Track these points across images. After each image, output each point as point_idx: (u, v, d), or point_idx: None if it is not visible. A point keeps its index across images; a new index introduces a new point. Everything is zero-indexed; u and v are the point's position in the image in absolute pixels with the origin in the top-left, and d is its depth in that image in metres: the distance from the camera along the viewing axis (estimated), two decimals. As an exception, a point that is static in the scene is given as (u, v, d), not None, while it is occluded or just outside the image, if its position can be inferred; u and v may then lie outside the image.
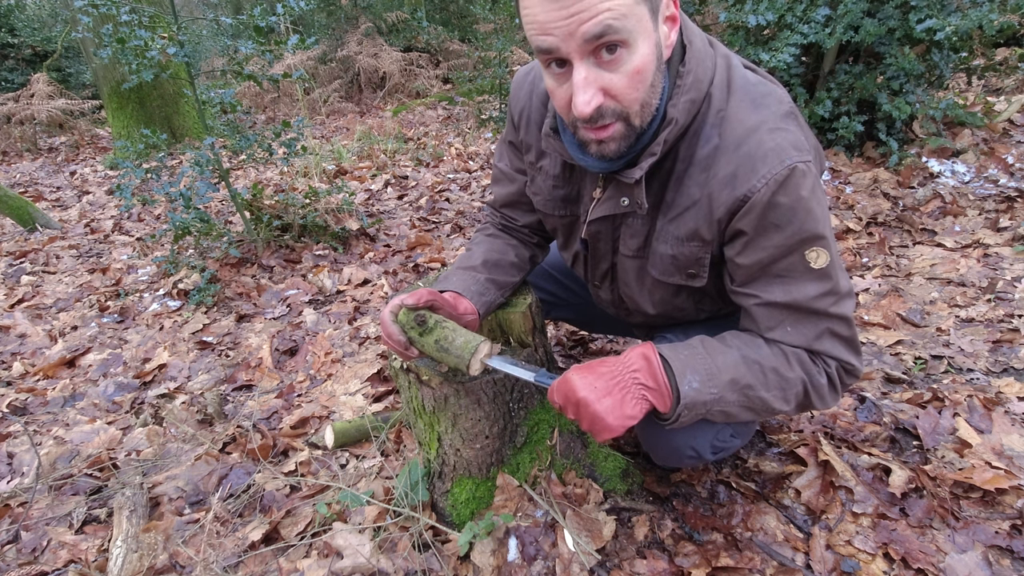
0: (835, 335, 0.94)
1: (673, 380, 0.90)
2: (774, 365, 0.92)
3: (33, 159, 6.45)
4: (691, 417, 0.91)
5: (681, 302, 1.12)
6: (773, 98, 0.91)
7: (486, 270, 1.21)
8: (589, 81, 0.78)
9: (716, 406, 0.91)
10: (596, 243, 1.12)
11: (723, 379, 0.91)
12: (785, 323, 0.93)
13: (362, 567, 1.25)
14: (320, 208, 3.26)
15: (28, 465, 1.75)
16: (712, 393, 0.90)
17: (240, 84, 7.64)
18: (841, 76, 2.95)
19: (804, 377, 0.93)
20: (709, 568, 1.19)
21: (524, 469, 1.30)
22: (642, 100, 0.83)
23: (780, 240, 0.88)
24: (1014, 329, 1.80)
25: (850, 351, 0.96)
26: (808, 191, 0.86)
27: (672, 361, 0.91)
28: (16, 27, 8.59)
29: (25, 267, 3.30)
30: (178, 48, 2.54)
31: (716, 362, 0.92)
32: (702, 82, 0.89)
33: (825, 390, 0.95)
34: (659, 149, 0.89)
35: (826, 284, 0.90)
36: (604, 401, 0.89)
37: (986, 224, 2.45)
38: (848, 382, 0.99)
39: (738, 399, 0.92)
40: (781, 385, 0.93)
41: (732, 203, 0.89)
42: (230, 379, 2.15)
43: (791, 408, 0.96)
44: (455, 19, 9.12)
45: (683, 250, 0.99)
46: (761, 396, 0.92)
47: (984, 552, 1.16)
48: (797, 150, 0.86)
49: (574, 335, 2.12)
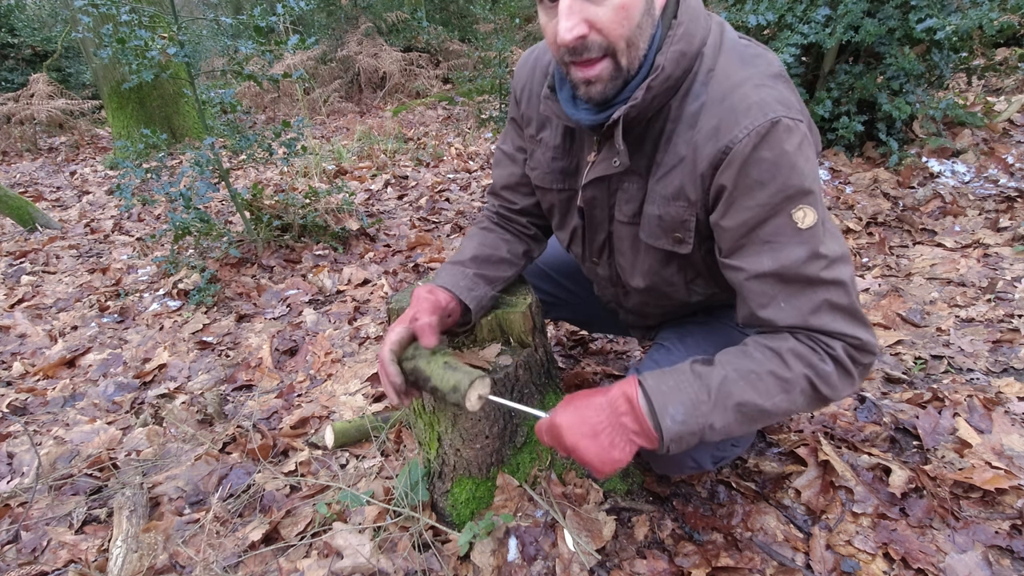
0: (833, 306, 0.88)
1: (654, 418, 0.87)
2: (770, 369, 0.88)
3: (33, 159, 6.45)
4: (683, 447, 0.88)
5: (670, 275, 1.11)
6: (763, 59, 0.92)
7: (475, 265, 1.21)
8: (574, 10, 0.81)
9: (709, 433, 0.88)
10: (592, 211, 1.12)
11: (710, 405, 0.87)
12: (778, 298, 0.89)
13: (362, 567, 1.25)
14: (320, 208, 3.26)
15: (28, 465, 1.75)
16: (700, 422, 0.86)
17: (240, 84, 7.65)
18: (841, 76, 2.95)
19: (806, 372, 0.88)
20: (709, 568, 1.19)
21: (524, 469, 1.30)
22: (628, 37, 0.84)
23: (764, 198, 0.85)
24: (1014, 329, 1.80)
25: (853, 322, 0.89)
26: (793, 146, 0.84)
27: (654, 395, 0.88)
28: (16, 27, 8.60)
29: (25, 267, 3.30)
30: (178, 48, 2.54)
31: (705, 384, 0.88)
32: (693, 36, 0.89)
33: (834, 378, 0.88)
34: (640, 94, 0.89)
35: (814, 245, 0.86)
36: (592, 448, 0.88)
37: (986, 224, 2.45)
38: (863, 360, 0.90)
39: (734, 418, 0.88)
40: (782, 388, 0.88)
41: (714, 156, 0.89)
42: (230, 379, 2.15)
43: (802, 406, 0.91)
44: (455, 19, 9.13)
45: (669, 210, 0.99)
46: (761, 407, 0.88)
47: (984, 552, 1.16)
48: (783, 105, 0.85)
49: (574, 335, 2.12)
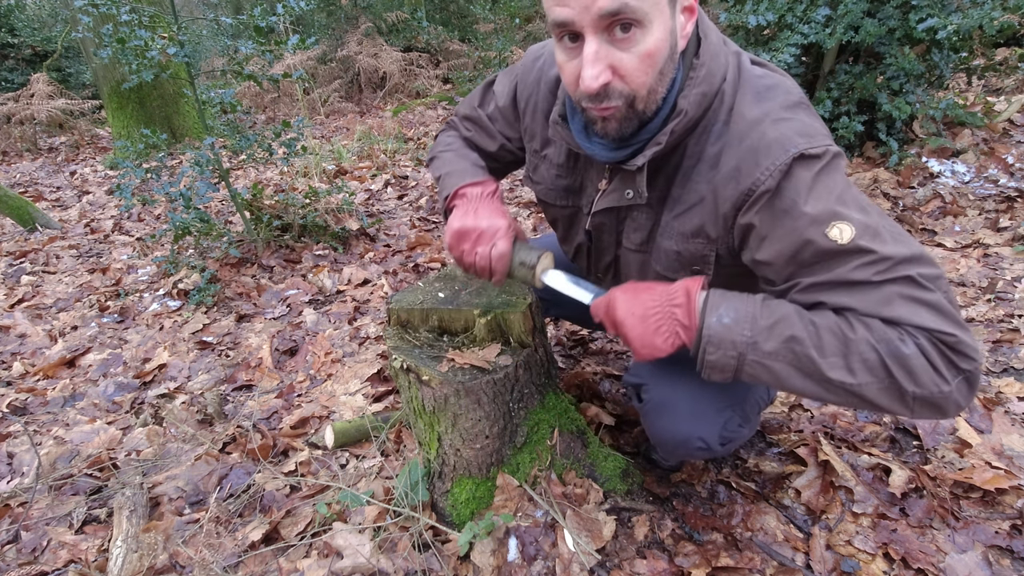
0: (909, 299, 0.76)
1: (703, 314, 0.85)
2: (831, 324, 0.79)
3: (33, 159, 6.45)
4: (721, 361, 0.82)
5: None
6: (779, 89, 0.90)
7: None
8: (600, 56, 0.79)
9: (751, 354, 0.81)
10: (600, 235, 1.12)
11: (763, 323, 0.81)
12: (844, 298, 0.80)
13: (362, 567, 1.25)
14: (320, 208, 3.26)
15: (28, 465, 1.75)
16: (745, 335, 0.81)
17: (240, 84, 7.64)
18: (841, 76, 2.95)
19: (873, 342, 0.75)
20: (709, 568, 1.19)
21: (524, 469, 1.30)
22: (649, 85, 0.83)
23: (792, 225, 0.82)
24: (1014, 329, 1.80)
25: (941, 318, 0.75)
26: (814, 173, 0.81)
27: (712, 296, 0.86)
28: (16, 27, 8.59)
29: (25, 267, 3.30)
30: (178, 48, 2.54)
31: (767, 308, 0.83)
32: (715, 76, 0.88)
33: (915, 364, 0.74)
34: (664, 139, 0.88)
35: (865, 256, 0.78)
36: (637, 328, 0.90)
37: (986, 224, 2.45)
38: (960, 363, 0.75)
39: (782, 350, 0.79)
40: (840, 349, 0.77)
41: (737, 198, 0.88)
42: (230, 379, 2.15)
43: (866, 387, 0.77)
44: (455, 19, 9.12)
45: (688, 247, 0.99)
46: (811, 356, 0.78)
47: (984, 552, 1.16)
48: (803, 136, 0.84)
49: (574, 335, 2.12)
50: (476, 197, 1.12)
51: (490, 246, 1.05)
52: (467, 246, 1.07)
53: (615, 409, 1.67)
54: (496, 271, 1.06)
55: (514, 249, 1.07)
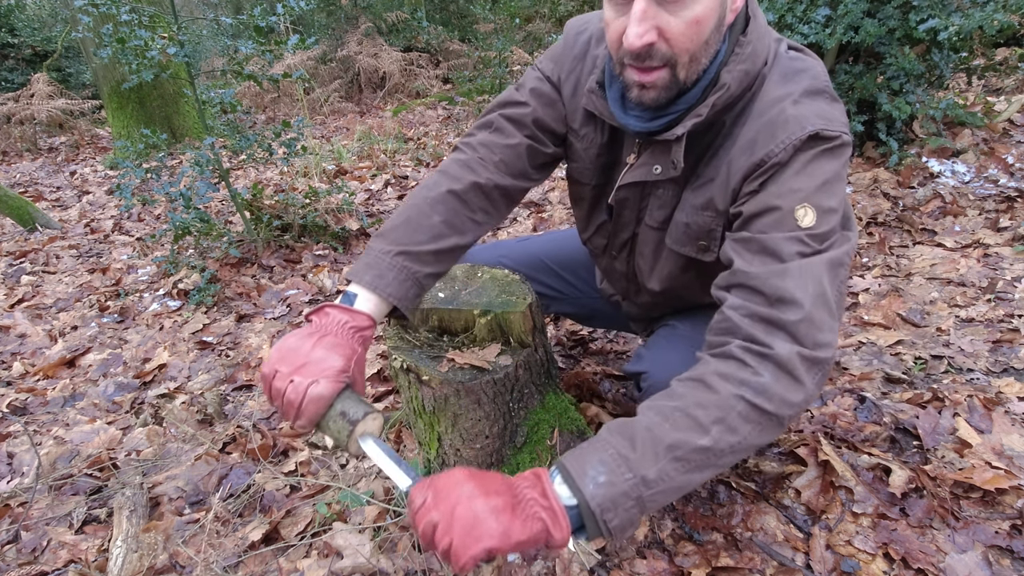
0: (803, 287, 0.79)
1: (573, 484, 0.74)
2: (696, 399, 0.78)
3: (33, 159, 6.45)
4: (622, 520, 0.74)
5: (688, 280, 1.11)
6: (807, 74, 0.91)
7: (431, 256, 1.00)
8: (648, 15, 0.78)
9: (645, 491, 0.73)
10: (621, 211, 1.11)
11: (637, 456, 0.74)
12: (751, 258, 0.84)
13: (362, 567, 1.25)
14: (320, 208, 3.26)
15: (28, 465, 1.75)
16: (628, 478, 0.73)
17: (240, 84, 7.64)
18: (841, 76, 2.95)
19: (736, 391, 0.77)
20: (709, 568, 1.19)
21: (524, 469, 1.30)
22: (692, 52, 0.82)
23: (777, 190, 0.85)
24: (1014, 329, 1.80)
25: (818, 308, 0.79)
26: (818, 151, 0.84)
27: (566, 461, 0.77)
28: (16, 27, 8.59)
29: (25, 267, 3.30)
30: (178, 48, 2.54)
31: (627, 436, 0.77)
32: (759, 56, 0.89)
33: (772, 389, 0.76)
34: (705, 111, 0.88)
35: (804, 235, 0.82)
36: (491, 500, 0.71)
37: (986, 224, 2.45)
38: (810, 355, 0.78)
39: (672, 467, 0.74)
40: (716, 417, 0.76)
41: (748, 168, 0.89)
42: (230, 379, 2.15)
43: (753, 437, 0.78)
44: (455, 19, 9.12)
45: (697, 219, 0.99)
46: (699, 446, 0.75)
47: (984, 552, 1.16)
48: (822, 119, 0.85)
49: (574, 335, 2.12)
50: (335, 325, 0.90)
51: (310, 381, 0.82)
52: (284, 370, 0.83)
53: (615, 409, 1.67)
54: (304, 413, 0.82)
55: (339, 397, 0.85)
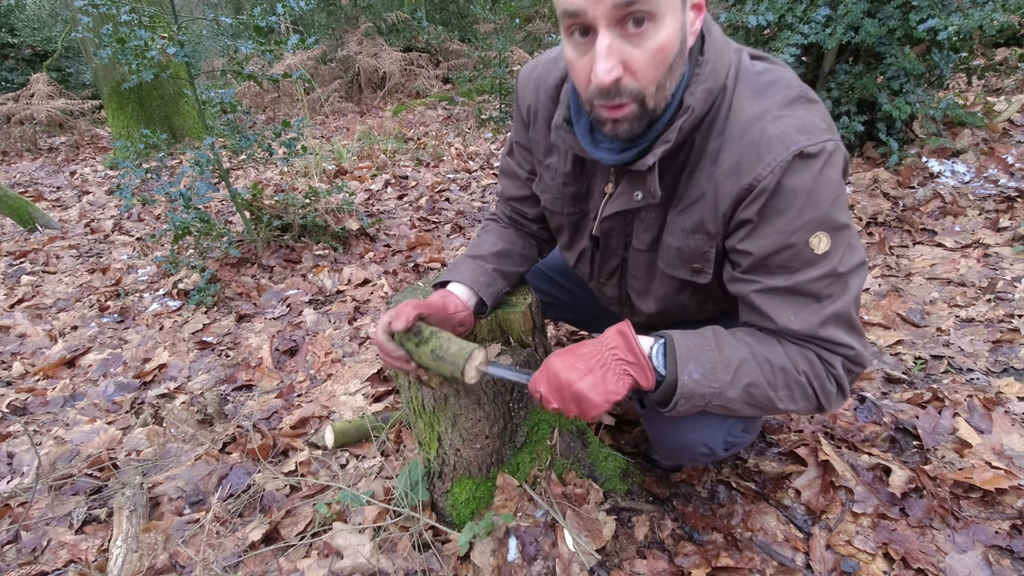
0: (839, 318, 0.91)
1: (673, 365, 0.90)
2: (783, 365, 0.91)
3: (33, 159, 6.45)
4: (688, 407, 0.92)
5: (684, 299, 1.12)
6: (779, 85, 0.90)
7: (496, 260, 1.21)
8: (612, 50, 0.77)
9: (716, 400, 0.91)
10: (608, 239, 1.12)
11: (727, 375, 0.90)
12: (788, 311, 0.91)
13: (362, 567, 1.25)
14: (320, 208, 3.26)
15: (28, 465, 1.75)
16: (712, 388, 0.90)
17: (240, 84, 7.64)
18: (841, 76, 2.95)
19: (813, 382, 0.92)
20: (709, 568, 1.19)
21: (524, 469, 1.30)
22: (659, 81, 0.82)
23: (783, 226, 0.86)
24: (1014, 329, 1.80)
25: (851, 333, 0.93)
26: (813, 175, 0.84)
27: (678, 348, 0.91)
28: (16, 27, 8.59)
29: (25, 267, 3.29)
30: (178, 48, 2.54)
31: (724, 356, 0.91)
32: (720, 72, 0.88)
33: (833, 395, 0.94)
34: (673, 136, 0.88)
35: (830, 265, 0.88)
36: (586, 379, 0.89)
37: (986, 224, 2.45)
38: (855, 371, 0.95)
39: (740, 396, 0.91)
40: (789, 386, 0.92)
41: (737, 193, 0.89)
42: (230, 379, 2.15)
43: (798, 408, 0.95)
44: (455, 19, 9.12)
45: (688, 242, 0.99)
46: (768, 395, 0.92)
47: (984, 552, 1.16)
48: (803, 133, 0.84)
49: (574, 335, 2.12)
50: (436, 300, 1.10)
51: (389, 318, 1.03)
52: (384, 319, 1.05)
53: (615, 409, 1.67)
54: (377, 340, 1.04)
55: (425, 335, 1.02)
